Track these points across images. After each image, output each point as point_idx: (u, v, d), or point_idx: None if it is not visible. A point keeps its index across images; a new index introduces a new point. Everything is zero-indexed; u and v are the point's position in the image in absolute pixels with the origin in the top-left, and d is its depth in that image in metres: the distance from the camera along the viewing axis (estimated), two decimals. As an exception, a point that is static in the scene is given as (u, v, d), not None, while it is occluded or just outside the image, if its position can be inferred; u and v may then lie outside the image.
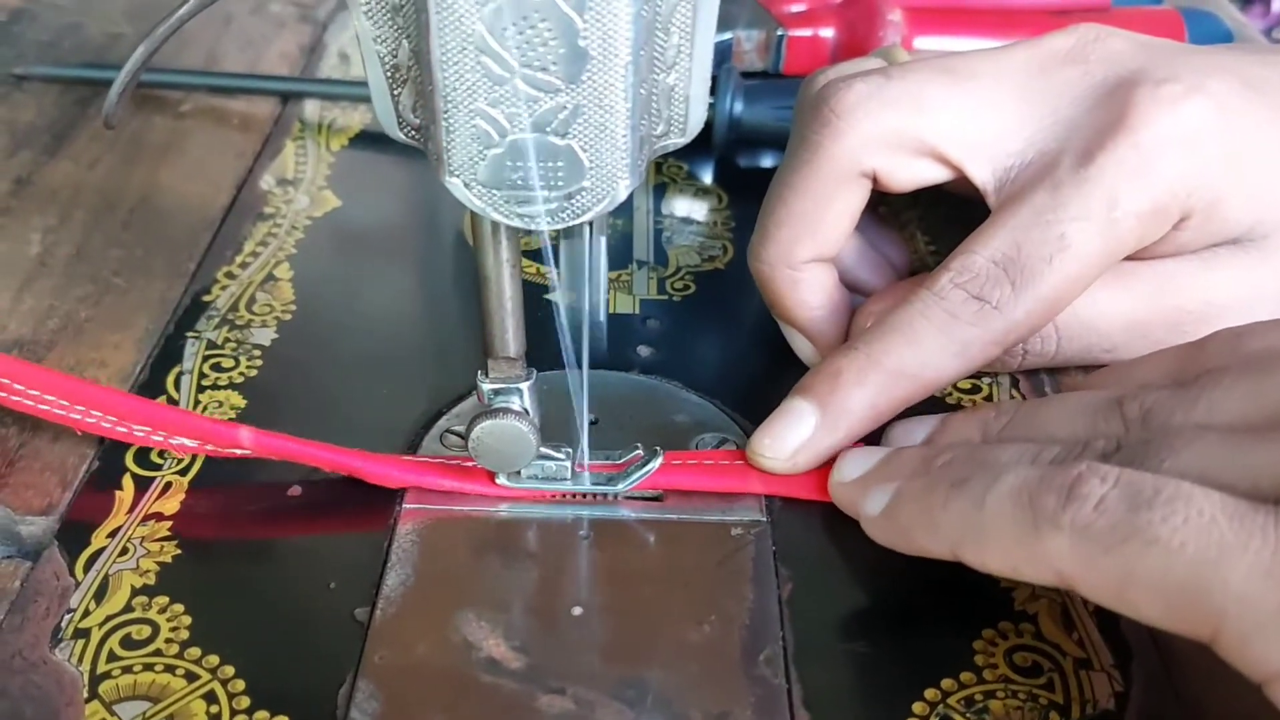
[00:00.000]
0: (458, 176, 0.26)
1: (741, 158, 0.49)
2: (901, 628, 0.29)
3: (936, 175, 0.35)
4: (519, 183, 0.26)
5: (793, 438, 0.32)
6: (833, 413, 0.32)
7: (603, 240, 0.37)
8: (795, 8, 0.52)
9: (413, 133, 0.28)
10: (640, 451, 0.32)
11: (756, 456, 0.32)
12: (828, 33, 0.50)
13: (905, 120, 0.34)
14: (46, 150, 0.49)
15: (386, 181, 0.48)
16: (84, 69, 0.54)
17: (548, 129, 0.25)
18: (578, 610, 0.29)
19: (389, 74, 0.27)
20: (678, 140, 0.28)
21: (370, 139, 0.50)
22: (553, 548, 0.31)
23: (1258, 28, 0.81)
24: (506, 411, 0.30)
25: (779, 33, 0.49)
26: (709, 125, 0.44)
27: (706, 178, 0.48)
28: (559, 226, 0.27)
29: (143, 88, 0.53)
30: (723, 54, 0.50)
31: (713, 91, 0.44)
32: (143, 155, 0.49)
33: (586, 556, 0.31)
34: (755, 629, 0.29)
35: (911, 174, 0.35)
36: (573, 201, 0.27)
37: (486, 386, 0.31)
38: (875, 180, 0.35)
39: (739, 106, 0.46)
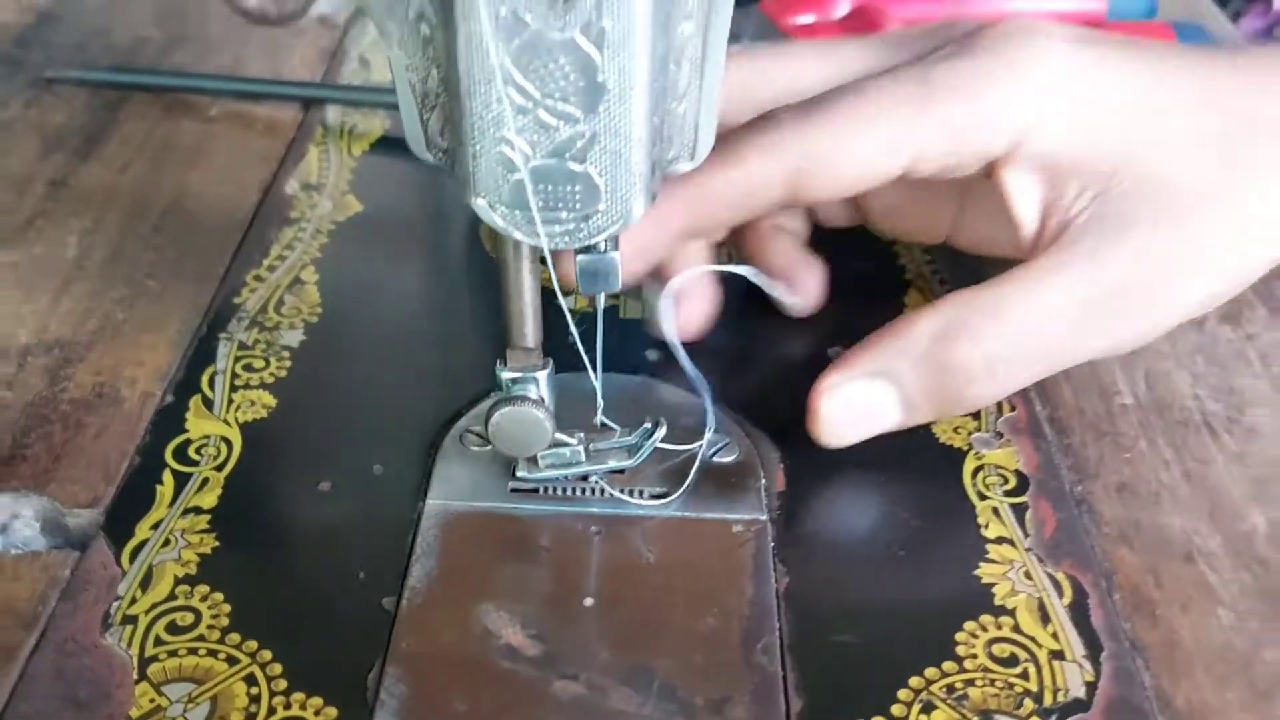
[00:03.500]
0: (483, 198, 0.28)
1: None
2: (889, 620, 0.31)
3: None
4: (540, 205, 0.28)
5: None
6: None
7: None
8: (801, 19, 0.53)
9: (440, 154, 0.30)
10: (647, 425, 0.34)
11: None
12: (831, 46, 0.51)
13: None
14: (78, 154, 0.51)
15: (406, 186, 0.50)
16: (113, 73, 0.56)
17: (567, 155, 0.27)
18: (589, 601, 0.31)
19: (419, 100, 0.29)
20: (687, 165, 0.30)
21: (390, 144, 0.52)
22: (566, 543, 0.33)
23: (1258, 26, 0.82)
24: (524, 399, 0.32)
25: (784, 46, 0.51)
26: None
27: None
28: (576, 246, 0.29)
29: (171, 92, 0.55)
30: (729, 65, 0.51)
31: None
32: (172, 159, 0.50)
33: (598, 551, 0.33)
34: (754, 620, 0.31)
35: None
36: (589, 223, 0.29)
37: (505, 375, 0.33)
38: None
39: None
